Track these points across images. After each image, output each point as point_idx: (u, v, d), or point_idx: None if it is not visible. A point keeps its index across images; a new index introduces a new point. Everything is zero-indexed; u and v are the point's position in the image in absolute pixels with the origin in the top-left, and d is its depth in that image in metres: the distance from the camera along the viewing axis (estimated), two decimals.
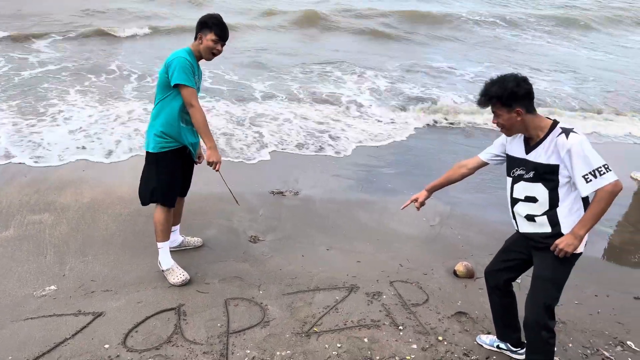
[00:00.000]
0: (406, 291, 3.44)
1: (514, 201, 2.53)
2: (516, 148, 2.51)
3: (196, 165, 3.51)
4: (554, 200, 2.37)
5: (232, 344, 2.81)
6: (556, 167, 2.32)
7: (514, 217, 2.58)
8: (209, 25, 3.11)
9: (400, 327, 3.05)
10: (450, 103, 8.08)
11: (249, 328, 2.94)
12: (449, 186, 2.89)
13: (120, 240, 3.82)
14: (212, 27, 3.10)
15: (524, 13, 17.62)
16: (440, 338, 2.98)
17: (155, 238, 3.35)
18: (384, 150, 6.29)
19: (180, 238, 3.72)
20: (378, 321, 3.09)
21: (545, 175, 2.36)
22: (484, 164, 2.73)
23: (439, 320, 3.16)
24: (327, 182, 5.22)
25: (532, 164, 2.40)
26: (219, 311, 3.08)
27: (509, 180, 2.55)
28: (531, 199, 2.43)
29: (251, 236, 4.04)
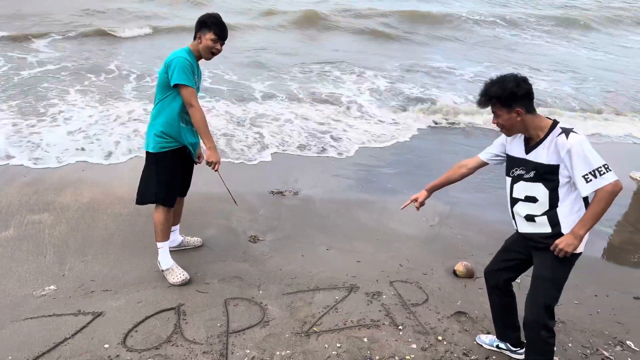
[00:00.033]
0: (406, 291, 3.44)
1: (514, 201, 2.53)
2: (516, 148, 2.51)
3: (196, 165, 3.51)
4: (554, 200, 2.37)
5: (232, 343, 2.81)
6: (556, 167, 2.32)
7: (513, 218, 2.58)
8: (208, 24, 3.11)
9: (400, 327, 3.05)
10: (449, 103, 8.08)
11: (248, 328, 2.94)
12: (449, 186, 2.89)
13: (120, 240, 3.82)
14: (211, 27, 3.10)
15: (523, 13, 17.63)
16: (439, 338, 2.98)
17: (155, 238, 3.35)
18: (385, 150, 6.29)
19: (180, 238, 3.72)
20: (378, 321, 3.09)
21: (545, 175, 2.36)
22: (484, 163, 2.73)
23: (439, 320, 3.16)
24: (327, 182, 5.21)
25: (532, 164, 2.40)
26: (218, 311, 3.08)
27: (508, 180, 2.55)
28: (531, 199, 2.43)
29: (251, 236, 4.04)
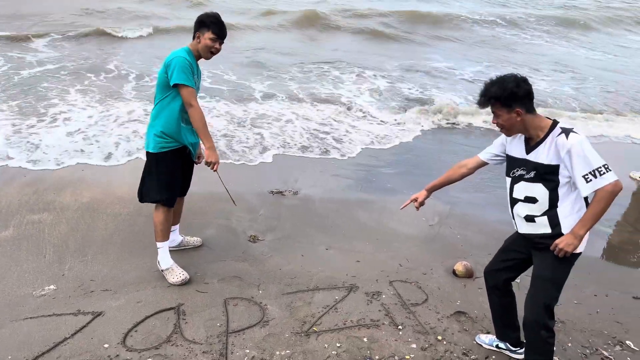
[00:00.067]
0: (405, 291, 3.44)
1: (514, 201, 2.53)
2: (516, 148, 2.51)
3: (196, 165, 3.51)
4: (554, 201, 2.37)
5: (232, 343, 2.81)
6: (556, 167, 2.32)
7: (513, 218, 2.58)
8: (207, 23, 3.10)
9: (400, 327, 3.05)
10: (449, 103, 8.08)
11: (248, 328, 2.94)
12: (448, 186, 2.90)
13: (120, 240, 3.82)
14: (210, 26, 3.10)
15: (523, 13, 17.64)
16: (439, 337, 2.98)
17: (154, 238, 3.35)
18: (384, 150, 6.29)
19: (179, 238, 3.72)
20: (377, 321, 3.09)
21: (545, 175, 2.36)
22: (484, 163, 2.73)
23: (438, 319, 3.16)
24: (327, 182, 5.21)
25: (533, 164, 2.40)
26: (218, 311, 3.08)
27: (509, 181, 2.55)
28: (531, 199, 2.43)
29: (250, 236, 4.04)
